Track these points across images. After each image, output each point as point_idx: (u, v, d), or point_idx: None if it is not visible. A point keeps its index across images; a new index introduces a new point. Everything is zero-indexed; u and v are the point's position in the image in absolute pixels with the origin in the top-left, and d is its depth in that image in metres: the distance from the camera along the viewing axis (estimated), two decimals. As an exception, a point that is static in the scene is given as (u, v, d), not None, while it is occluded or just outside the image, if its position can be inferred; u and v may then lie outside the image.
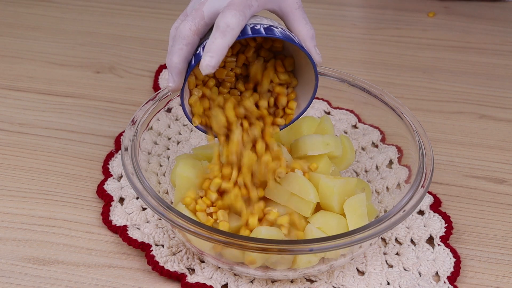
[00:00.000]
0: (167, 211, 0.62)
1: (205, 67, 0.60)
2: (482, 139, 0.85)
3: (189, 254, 0.68)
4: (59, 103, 0.89)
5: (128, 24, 1.06)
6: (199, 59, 0.61)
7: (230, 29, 0.60)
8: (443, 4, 1.12)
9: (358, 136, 0.82)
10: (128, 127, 0.71)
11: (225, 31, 0.60)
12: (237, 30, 0.61)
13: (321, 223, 0.65)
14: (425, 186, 0.65)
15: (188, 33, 0.62)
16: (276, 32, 0.63)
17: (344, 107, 0.86)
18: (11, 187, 0.76)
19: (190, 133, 0.82)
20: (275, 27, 0.64)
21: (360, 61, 1.00)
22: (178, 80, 0.63)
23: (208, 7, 0.63)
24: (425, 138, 0.70)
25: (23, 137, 0.83)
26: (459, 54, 1.01)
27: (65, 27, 1.05)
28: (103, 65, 0.96)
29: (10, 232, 0.71)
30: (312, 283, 0.67)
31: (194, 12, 0.63)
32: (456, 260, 0.68)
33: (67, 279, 0.66)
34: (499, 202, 0.76)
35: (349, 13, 1.11)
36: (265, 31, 0.62)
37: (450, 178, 0.79)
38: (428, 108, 0.90)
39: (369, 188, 0.73)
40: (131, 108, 0.88)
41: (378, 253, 0.70)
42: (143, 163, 0.70)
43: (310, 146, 0.70)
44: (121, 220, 0.72)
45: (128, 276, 0.67)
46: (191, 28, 0.62)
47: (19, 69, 0.95)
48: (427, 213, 0.73)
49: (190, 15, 0.63)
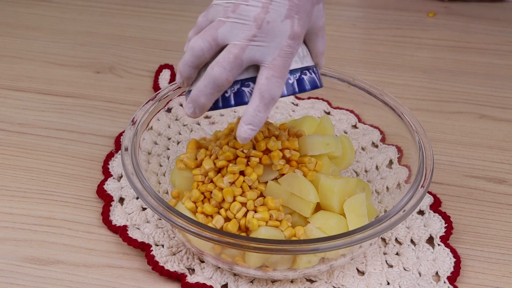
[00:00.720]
0: (167, 211, 0.62)
1: (244, 139, 0.60)
2: (482, 139, 0.85)
3: (189, 254, 0.68)
4: (59, 103, 0.89)
5: (128, 24, 1.06)
6: (228, 105, 0.61)
7: (274, 101, 0.60)
8: (443, 4, 1.12)
9: (358, 136, 0.82)
10: (128, 127, 0.71)
11: (269, 104, 0.59)
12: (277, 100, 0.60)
13: (321, 223, 0.65)
14: (425, 186, 0.65)
15: (224, 83, 0.60)
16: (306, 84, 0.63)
17: (344, 107, 0.86)
18: (11, 187, 0.76)
19: (190, 133, 0.82)
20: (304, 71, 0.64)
21: (360, 61, 1.00)
22: (199, 114, 0.62)
23: (248, 56, 0.59)
24: (425, 138, 0.70)
25: (23, 137, 0.83)
26: (459, 54, 1.01)
27: (65, 27, 1.05)
28: (103, 65, 0.96)
29: (10, 232, 0.71)
30: (312, 283, 0.67)
31: (232, 59, 0.59)
32: (456, 260, 0.68)
33: (67, 279, 0.66)
34: (499, 202, 0.76)
35: (349, 13, 1.12)
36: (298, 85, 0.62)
37: (450, 178, 0.79)
38: (428, 108, 0.90)
39: (369, 188, 0.73)
40: (131, 108, 0.88)
41: (378, 253, 0.70)
42: (143, 163, 0.70)
43: (310, 146, 0.70)
44: (121, 220, 0.72)
45: (128, 276, 0.67)
46: (228, 79, 0.60)
47: (19, 69, 0.95)
48: (427, 213, 0.73)
49: (228, 62, 0.59)
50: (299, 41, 0.61)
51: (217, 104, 0.62)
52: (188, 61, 0.62)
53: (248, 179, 0.66)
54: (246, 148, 0.68)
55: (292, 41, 0.60)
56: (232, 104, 0.61)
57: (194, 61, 0.61)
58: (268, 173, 0.68)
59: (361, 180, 0.75)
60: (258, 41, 0.59)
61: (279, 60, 0.60)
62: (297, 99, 0.88)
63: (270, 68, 0.59)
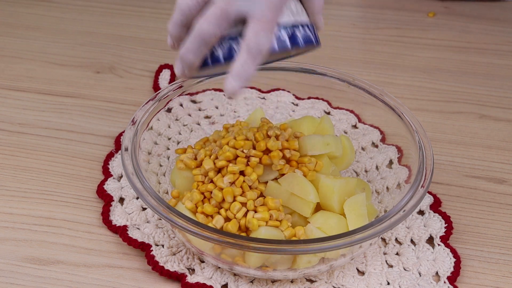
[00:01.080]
0: (167, 211, 0.62)
1: (231, 93, 0.58)
2: (482, 139, 0.85)
3: (189, 254, 0.68)
4: (59, 103, 0.89)
5: (128, 24, 1.06)
6: (217, 61, 0.60)
7: (261, 55, 0.58)
8: (443, 4, 1.12)
9: (358, 136, 0.82)
10: (128, 127, 0.71)
11: (256, 57, 0.58)
12: (267, 54, 0.58)
13: (321, 223, 0.65)
14: (425, 186, 0.65)
15: (212, 38, 0.59)
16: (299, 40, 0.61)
17: (344, 107, 0.86)
18: (11, 187, 0.76)
19: (190, 133, 0.82)
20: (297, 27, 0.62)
21: (360, 61, 1.00)
22: (189, 73, 0.62)
23: (236, 9, 0.58)
24: (425, 138, 0.70)
25: (23, 137, 0.83)
26: (459, 54, 1.01)
27: (65, 27, 1.05)
28: (103, 65, 0.96)
29: (10, 232, 0.71)
30: (312, 283, 0.67)
31: (220, 13, 0.58)
32: (456, 260, 0.68)
33: (67, 279, 0.66)
34: (499, 202, 0.76)
35: (349, 13, 1.11)
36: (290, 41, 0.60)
37: (450, 178, 0.79)
38: (428, 108, 0.90)
39: (369, 188, 0.73)
40: (131, 108, 0.88)
41: (378, 253, 0.70)
42: (143, 163, 0.70)
43: (310, 146, 0.70)
44: (121, 220, 0.72)
45: (128, 276, 0.67)
46: (216, 33, 0.58)
47: (19, 69, 0.95)
48: (427, 213, 0.73)
49: (215, 16, 0.58)
50: None
51: (206, 62, 0.61)
52: (176, 20, 0.61)
53: (248, 179, 0.66)
54: (246, 148, 0.68)
55: None
56: (221, 61, 0.60)
57: (182, 19, 0.60)
58: (268, 173, 0.68)
59: (361, 180, 0.75)
60: None
61: (267, 12, 0.58)
62: (297, 99, 0.88)
63: (257, 20, 0.58)
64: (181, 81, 0.77)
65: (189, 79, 0.75)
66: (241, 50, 0.58)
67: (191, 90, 0.78)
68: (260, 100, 0.88)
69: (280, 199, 0.66)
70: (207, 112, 0.86)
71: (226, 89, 0.58)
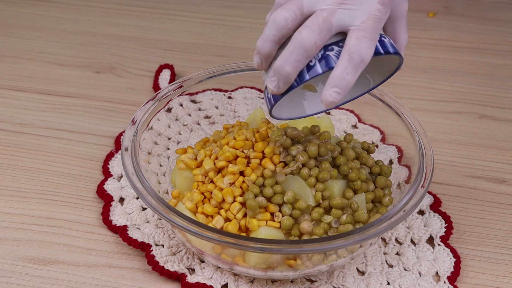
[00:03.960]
0: (167, 211, 0.62)
1: (330, 103, 0.56)
2: (482, 139, 0.85)
3: (189, 254, 0.68)
4: (59, 103, 0.89)
5: (128, 24, 1.06)
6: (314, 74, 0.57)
7: (363, 64, 0.56)
8: (443, 4, 1.12)
9: (358, 136, 0.82)
10: (128, 127, 0.71)
11: (358, 66, 0.55)
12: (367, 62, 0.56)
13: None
14: (425, 186, 0.65)
15: (313, 47, 0.56)
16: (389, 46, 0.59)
17: (344, 107, 0.86)
18: (11, 187, 0.76)
19: (190, 133, 0.82)
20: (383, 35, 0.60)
21: (360, 61, 1.00)
22: (283, 88, 0.58)
23: (338, 19, 0.56)
24: (425, 138, 0.70)
25: (23, 137, 0.83)
26: (459, 54, 1.01)
27: (65, 27, 1.05)
28: (103, 65, 0.96)
29: (10, 232, 0.71)
30: (312, 283, 0.67)
31: (321, 22, 0.56)
32: (456, 260, 0.68)
33: (67, 279, 0.66)
34: (499, 202, 0.76)
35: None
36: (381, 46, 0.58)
37: (450, 178, 0.79)
38: (428, 108, 0.90)
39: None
40: (131, 108, 0.88)
41: (378, 253, 0.70)
42: (143, 163, 0.70)
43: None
44: (121, 220, 0.72)
45: (128, 276, 0.67)
46: (316, 42, 0.56)
47: (19, 69, 0.95)
48: (427, 213, 0.73)
49: (317, 25, 0.56)
50: (387, 9, 0.58)
51: (303, 76, 0.57)
52: (269, 35, 0.58)
53: (248, 180, 0.66)
54: (246, 148, 0.68)
55: (382, 6, 0.57)
56: (319, 72, 0.57)
57: (276, 34, 0.57)
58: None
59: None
60: (347, 4, 0.56)
61: (369, 22, 0.57)
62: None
63: (360, 29, 0.56)
64: (181, 81, 0.77)
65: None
66: (342, 57, 0.56)
67: (191, 90, 0.78)
68: (260, 100, 0.88)
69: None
70: (207, 112, 0.86)
71: (325, 99, 0.56)
